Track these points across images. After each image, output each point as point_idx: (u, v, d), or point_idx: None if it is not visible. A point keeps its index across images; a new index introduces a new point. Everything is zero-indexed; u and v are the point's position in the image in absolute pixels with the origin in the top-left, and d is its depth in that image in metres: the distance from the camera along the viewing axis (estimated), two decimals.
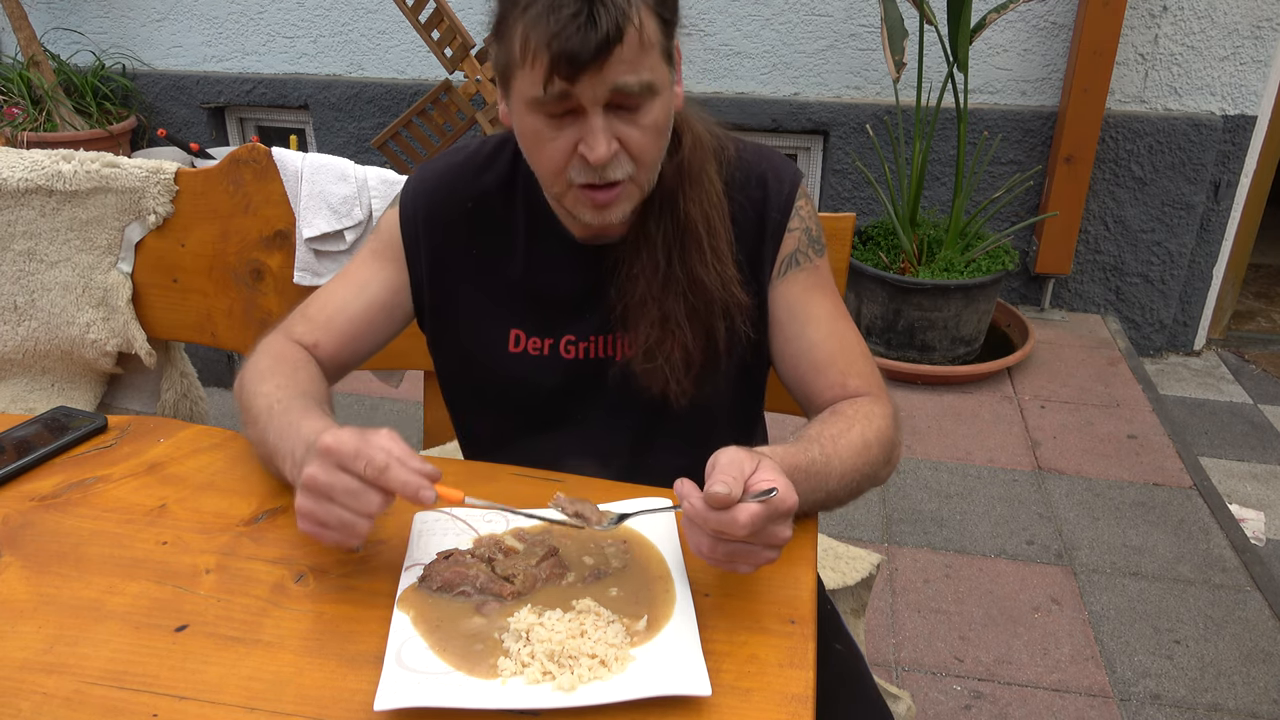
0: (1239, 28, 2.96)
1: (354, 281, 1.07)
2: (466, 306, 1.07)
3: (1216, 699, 1.78)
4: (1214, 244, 3.26)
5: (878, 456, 0.94)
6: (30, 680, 0.72)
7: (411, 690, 0.68)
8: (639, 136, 0.88)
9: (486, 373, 1.08)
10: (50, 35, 3.88)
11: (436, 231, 1.05)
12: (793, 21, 3.26)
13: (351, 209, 1.56)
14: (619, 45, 0.81)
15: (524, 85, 0.86)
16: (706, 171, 0.99)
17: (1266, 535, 2.34)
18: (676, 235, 0.98)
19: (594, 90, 0.84)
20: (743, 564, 0.75)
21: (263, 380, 0.96)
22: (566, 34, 0.80)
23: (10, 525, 0.91)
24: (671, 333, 0.99)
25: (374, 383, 2.83)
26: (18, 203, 1.55)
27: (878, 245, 3.11)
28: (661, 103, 0.89)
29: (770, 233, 1.02)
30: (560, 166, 0.90)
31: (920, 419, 2.77)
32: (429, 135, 3.06)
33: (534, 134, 0.89)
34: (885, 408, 0.99)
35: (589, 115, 0.85)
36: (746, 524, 0.71)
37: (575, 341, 1.05)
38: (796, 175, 1.04)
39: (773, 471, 0.75)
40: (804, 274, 1.03)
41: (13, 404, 1.67)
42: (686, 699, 0.69)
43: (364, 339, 1.08)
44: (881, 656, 1.88)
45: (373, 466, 0.75)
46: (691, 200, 0.98)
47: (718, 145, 1.02)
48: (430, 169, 1.08)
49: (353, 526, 0.76)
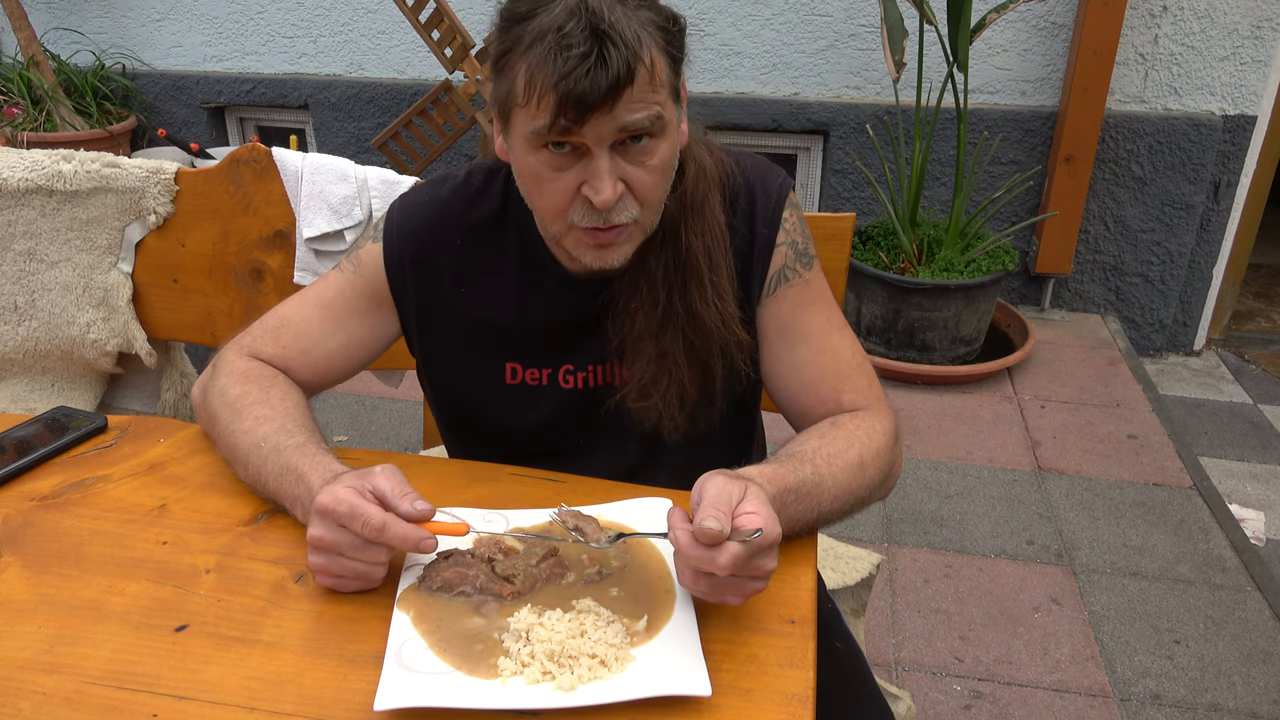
0: (1239, 28, 2.96)
1: (332, 314, 1.03)
2: (459, 342, 1.03)
3: (1216, 699, 1.78)
4: (1214, 244, 3.26)
5: (873, 478, 0.92)
6: (30, 680, 0.72)
7: (411, 690, 0.68)
8: (645, 178, 0.86)
9: (482, 406, 1.06)
10: (50, 35, 3.88)
11: (425, 273, 1.01)
12: (793, 21, 3.26)
13: (351, 209, 1.56)
14: (629, 86, 0.79)
15: (526, 124, 0.82)
16: (710, 203, 0.96)
17: (1266, 535, 2.34)
18: (677, 270, 0.95)
19: (601, 130, 0.81)
20: (730, 596, 0.75)
21: (239, 415, 0.93)
22: (575, 76, 0.77)
23: (10, 525, 0.91)
24: (668, 370, 0.97)
25: (374, 383, 2.83)
26: (18, 203, 1.55)
27: (878, 245, 3.11)
28: (668, 142, 0.86)
29: (759, 249, 0.99)
30: (562, 208, 0.87)
31: (920, 419, 2.77)
32: (429, 135, 3.06)
33: (535, 174, 0.86)
34: (886, 423, 0.96)
35: (594, 156, 0.83)
36: (727, 565, 0.70)
37: (574, 371, 1.02)
38: (784, 186, 1.01)
39: (758, 503, 0.74)
40: (793, 290, 1.00)
41: (13, 404, 1.67)
42: (686, 699, 0.69)
43: (341, 371, 1.05)
44: (881, 656, 1.88)
45: (369, 528, 0.76)
46: (694, 233, 0.95)
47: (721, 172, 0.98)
48: (415, 203, 1.03)
49: (367, 575, 0.79)
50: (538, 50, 0.78)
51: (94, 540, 0.88)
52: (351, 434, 2.68)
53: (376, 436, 2.67)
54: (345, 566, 0.78)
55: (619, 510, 0.90)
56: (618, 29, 0.77)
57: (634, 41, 0.78)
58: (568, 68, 0.77)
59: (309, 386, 1.04)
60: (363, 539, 0.76)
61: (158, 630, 0.77)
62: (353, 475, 0.81)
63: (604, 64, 0.77)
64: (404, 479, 0.81)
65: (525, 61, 0.79)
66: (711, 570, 0.71)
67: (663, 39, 0.82)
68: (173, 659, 0.74)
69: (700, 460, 1.03)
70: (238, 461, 0.93)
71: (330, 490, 0.78)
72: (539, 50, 0.78)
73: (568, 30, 0.77)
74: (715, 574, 0.72)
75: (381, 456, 0.98)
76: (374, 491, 0.78)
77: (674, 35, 0.84)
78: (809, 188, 3.56)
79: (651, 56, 0.80)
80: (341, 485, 0.78)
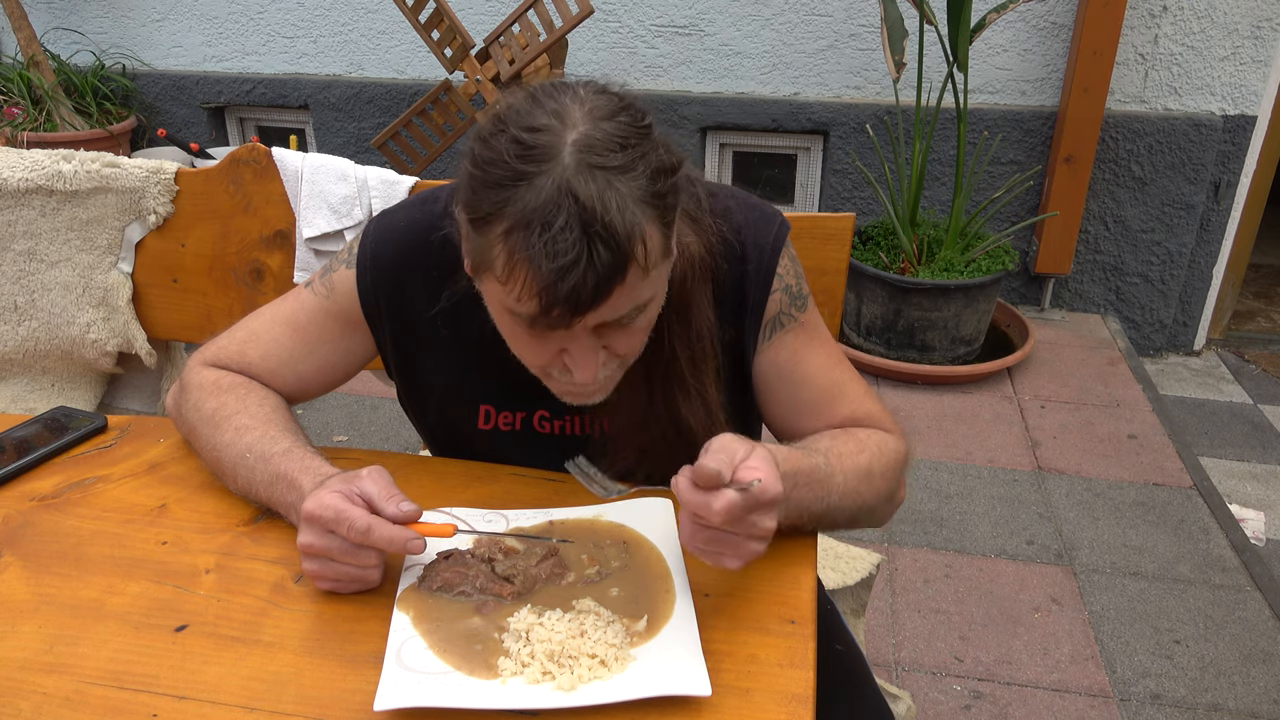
0: (1239, 28, 2.96)
1: (303, 339, 1.00)
2: (433, 379, 1.01)
3: (1216, 699, 1.78)
4: (1214, 244, 3.26)
5: (881, 489, 0.90)
6: (30, 680, 0.72)
7: (411, 690, 0.68)
8: (630, 341, 0.82)
9: (456, 446, 1.04)
10: (50, 35, 3.88)
11: (398, 300, 0.98)
12: (793, 21, 3.26)
13: (351, 209, 1.56)
14: (620, 285, 0.72)
15: (502, 298, 0.75)
16: (696, 302, 0.91)
17: (1266, 535, 2.34)
18: (660, 372, 0.92)
19: (585, 323, 0.76)
20: (729, 556, 0.74)
21: (218, 428, 0.92)
22: (563, 284, 0.69)
23: (10, 525, 0.91)
24: (649, 459, 0.95)
25: (374, 383, 2.83)
26: (18, 203, 1.55)
27: (878, 245, 3.11)
28: (657, 303, 0.81)
29: (752, 308, 0.95)
30: (541, 365, 0.83)
31: (920, 419, 2.77)
32: (429, 135, 3.06)
33: (511, 334, 0.82)
34: (899, 444, 0.94)
35: (577, 335, 0.78)
36: (721, 511, 0.69)
37: (550, 418, 0.99)
38: (779, 238, 0.95)
39: (762, 461, 0.73)
40: (789, 335, 0.97)
41: (13, 404, 1.67)
42: (686, 699, 0.69)
43: (312, 392, 1.03)
44: (881, 656, 1.88)
45: (354, 531, 0.76)
46: (679, 339, 0.91)
47: (714, 256, 0.91)
48: (391, 228, 0.98)
49: (362, 577, 0.79)
50: (520, 240, 0.70)
51: (94, 540, 0.88)
52: (351, 434, 2.68)
53: (376, 436, 2.67)
54: (338, 571, 0.79)
55: (619, 510, 0.90)
56: (610, 227, 0.69)
57: (626, 238, 0.70)
58: (555, 276, 0.69)
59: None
60: (350, 543, 0.77)
61: (157, 630, 0.77)
62: (340, 479, 0.81)
63: (594, 268, 0.69)
64: (391, 481, 0.81)
65: (505, 245, 0.71)
66: (707, 517, 0.70)
67: (656, 211, 0.73)
68: (172, 659, 0.74)
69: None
70: (225, 475, 0.93)
71: (316, 496, 0.78)
72: (521, 242, 0.70)
73: (555, 229, 0.68)
74: (711, 523, 0.71)
75: (381, 456, 0.99)
76: (361, 495, 0.78)
77: (669, 192, 0.75)
78: (809, 188, 3.56)
79: (645, 242, 0.72)
80: (327, 490, 0.78)
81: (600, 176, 0.70)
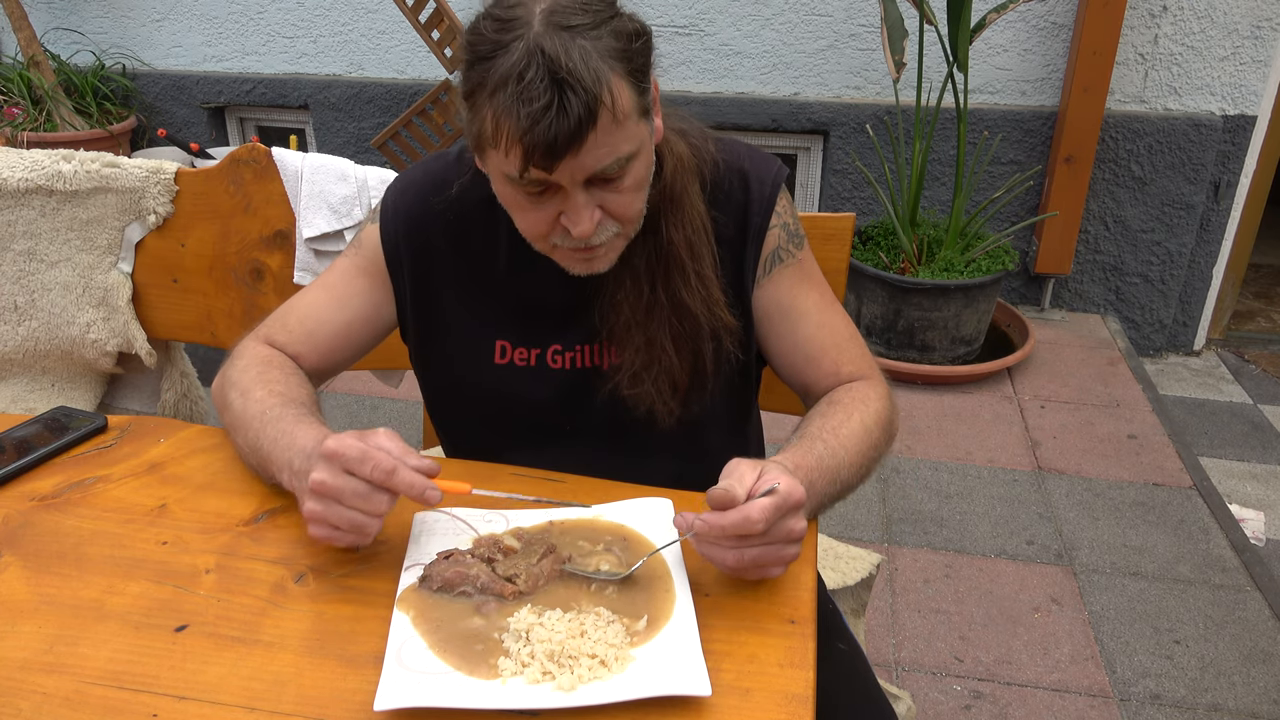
0: (1239, 28, 2.96)
1: (336, 295, 1.06)
2: (451, 319, 1.06)
3: (1216, 699, 1.78)
4: (1214, 244, 3.26)
5: (879, 439, 0.96)
6: (30, 680, 0.72)
7: (411, 690, 0.68)
8: (621, 199, 0.88)
9: (473, 386, 1.07)
10: (50, 35, 3.88)
11: (418, 248, 1.04)
12: (793, 21, 3.26)
13: (351, 209, 1.56)
14: (593, 130, 0.79)
15: (498, 163, 0.84)
16: (689, 194, 0.98)
17: (1266, 535, 2.34)
18: (660, 261, 0.97)
19: (572, 173, 0.83)
20: (773, 566, 0.77)
21: (250, 388, 0.96)
22: (539, 127, 0.78)
23: (10, 525, 0.91)
24: (657, 358, 0.99)
25: (374, 383, 2.83)
26: (18, 203, 1.55)
27: (878, 245, 3.11)
28: (642, 161, 0.88)
29: (752, 236, 1.02)
30: (543, 233, 0.90)
31: (920, 419, 2.77)
32: (429, 135, 3.06)
33: (513, 203, 0.89)
34: (880, 387, 1.01)
35: (569, 193, 0.85)
36: (760, 517, 0.73)
37: (562, 351, 1.04)
38: (779, 175, 1.03)
39: (774, 471, 0.77)
40: (788, 270, 1.04)
41: (13, 404, 1.67)
42: (686, 699, 0.69)
43: (346, 351, 1.08)
44: (881, 656, 1.88)
45: (379, 470, 0.77)
46: (674, 226, 0.97)
47: (700, 161, 1.00)
48: (410, 181, 1.06)
49: (364, 527, 0.80)
50: (500, 99, 0.79)
51: (94, 540, 0.88)
52: None
53: None
54: (342, 516, 0.78)
55: (619, 510, 0.90)
56: (575, 74, 0.77)
57: (594, 84, 0.78)
58: (529, 121, 0.78)
59: (318, 369, 1.07)
60: (369, 485, 0.78)
61: (157, 630, 0.77)
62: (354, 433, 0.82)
63: (565, 112, 0.78)
64: (404, 441, 0.83)
65: (490, 108, 0.80)
66: (750, 529, 0.73)
67: (624, 65, 0.81)
68: (172, 659, 0.74)
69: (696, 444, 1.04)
70: (239, 428, 0.95)
71: (338, 437, 0.79)
72: (501, 99, 0.79)
73: (528, 80, 0.77)
74: (754, 535, 0.74)
75: None
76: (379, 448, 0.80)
77: (636, 54, 0.83)
78: (809, 188, 3.56)
79: (613, 92, 0.80)
80: (347, 434, 0.80)
81: (565, 35, 0.78)
